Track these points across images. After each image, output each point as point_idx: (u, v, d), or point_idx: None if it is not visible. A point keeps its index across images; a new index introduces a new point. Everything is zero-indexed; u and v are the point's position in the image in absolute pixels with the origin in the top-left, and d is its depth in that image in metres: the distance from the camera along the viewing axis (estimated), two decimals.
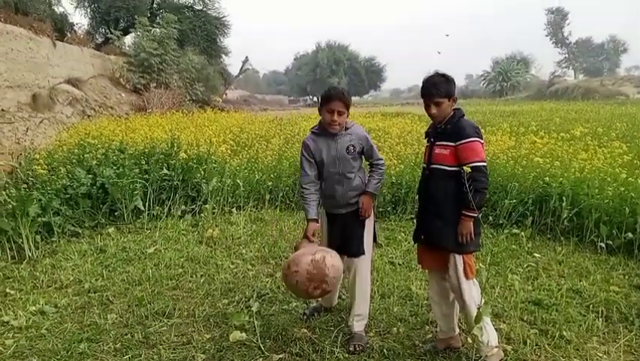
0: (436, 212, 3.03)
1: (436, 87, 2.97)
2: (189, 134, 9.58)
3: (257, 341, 3.26)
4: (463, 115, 3.02)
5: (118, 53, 23.22)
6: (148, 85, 20.46)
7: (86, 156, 7.22)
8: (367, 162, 3.53)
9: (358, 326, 3.37)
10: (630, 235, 5.13)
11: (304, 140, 3.43)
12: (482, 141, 2.95)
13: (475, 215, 2.88)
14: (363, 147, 3.38)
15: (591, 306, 3.91)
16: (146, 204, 6.37)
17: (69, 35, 20.61)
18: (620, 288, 4.28)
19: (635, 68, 77.21)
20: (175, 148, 7.48)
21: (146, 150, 7.57)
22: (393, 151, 8.53)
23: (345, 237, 3.41)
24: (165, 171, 6.79)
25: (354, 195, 3.36)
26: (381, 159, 3.50)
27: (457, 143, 2.90)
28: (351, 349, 3.22)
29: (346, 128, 3.35)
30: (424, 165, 3.17)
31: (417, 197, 3.35)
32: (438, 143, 3.03)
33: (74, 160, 7.30)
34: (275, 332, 3.49)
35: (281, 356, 3.14)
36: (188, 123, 12.75)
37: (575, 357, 3.16)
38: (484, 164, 2.88)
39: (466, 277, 2.95)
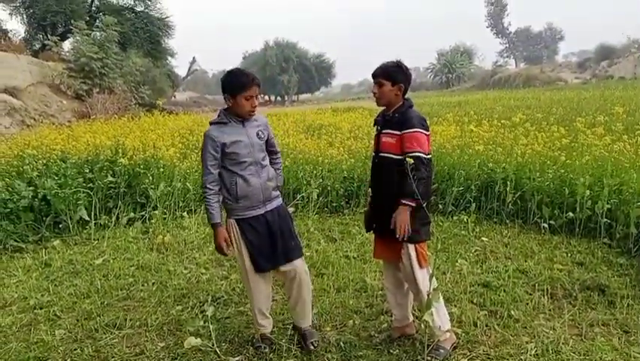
0: (386, 201, 3.03)
1: (382, 69, 3.05)
2: (134, 139, 9.31)
3: (213, 345, 3.21)
4: (412, 106, 3.07)
5: (57, 59, 22.32)
6: (90, 90, 19.72)
7: (25, 167, 6.90)
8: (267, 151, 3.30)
9: (307, 321, 3.31)
10: (571, 214, 5.36)
11: (207, 133, 3.05)
12: (427, 133, 2.97)
13: (412, 205, 2.87)
14: (268, 134, 3.24)
15: (537, 285, 4.07)
16: (92, 213, 6.15)
17: (3, 43, 19.69)
18: (563, 265, 4.48)
19: (572, 54, 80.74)
20: (120, 154, 7.26)
21: (90, 158, 7.31)
22: (344, 146, 8.59)
23: (277, 240, 3.12)
24: (110, 178, 6.57)
25: (273, 186, 3.16)
26: (279, 150, 3.41)
27: (402, 132, 2.94)
28: (312, 347, 3.18)
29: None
30: (374, 154, 3.19)
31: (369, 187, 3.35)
32: (385, 131, 3.06)
33: (13, 173, 6.97)
34: (231, 334, 3.46)
35: (238, 358, 3.12)
36: (133, 128, 12.38)
37: (523, 335, 3.28)
38: (425, 155, 2.89)
39: (420, 265, 2.99)
